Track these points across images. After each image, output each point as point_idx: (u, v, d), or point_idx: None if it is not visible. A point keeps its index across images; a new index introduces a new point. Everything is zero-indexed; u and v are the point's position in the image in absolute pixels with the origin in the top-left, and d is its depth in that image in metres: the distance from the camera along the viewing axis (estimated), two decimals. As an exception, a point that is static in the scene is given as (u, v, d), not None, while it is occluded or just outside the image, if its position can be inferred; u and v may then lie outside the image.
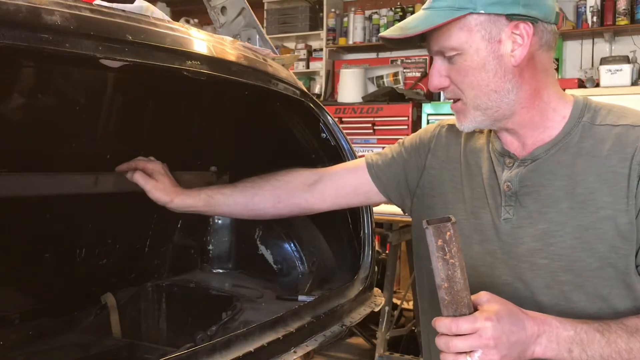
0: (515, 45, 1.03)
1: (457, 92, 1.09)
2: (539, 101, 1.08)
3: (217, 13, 1.98)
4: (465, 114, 1.10)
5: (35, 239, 1.61)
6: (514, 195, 1.09)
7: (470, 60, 1.04)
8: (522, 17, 1.01)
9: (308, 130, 1.86)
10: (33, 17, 0.94)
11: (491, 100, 1.06)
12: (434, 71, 1.09)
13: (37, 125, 1.51)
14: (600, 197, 1.02)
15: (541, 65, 1.07)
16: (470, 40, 1.03)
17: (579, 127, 1.08)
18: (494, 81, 1.04)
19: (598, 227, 1.02)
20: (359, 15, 5.14)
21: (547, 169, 1.07)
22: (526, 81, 1.06)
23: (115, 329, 1.82)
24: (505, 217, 1.10)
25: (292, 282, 2.00)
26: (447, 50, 1.06)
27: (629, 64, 4.00)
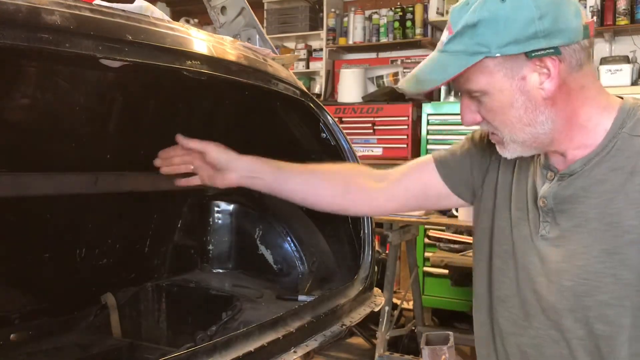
0: (542, 77, 0.96)
1: (491, 127, 1.05)
2: (577, 121, 1.01)
3: (217, 13, 1.98)
4: (504, 146, 1.05)
5: (35, 239, 1.61)
6: (550, 211, 1.05)
7: (497, 100, 0.99)
8: (544, 52, 0.93)
9: (308, 130, 1.86)
10: (33, 17, 0.94)
11: (526, 133, 1.01)
12: (465, 108, 1.05)
13: (37, 125, 1.51)
14: (627, 219, 0.96)
15: (576, 85, 0.99)
16: (492, 81, 0.98)
17: (618, 138, 1.00)
18: (525, 116, 0.99)
19: (622, 252, 0.96)
20: (359, 15, 5.14)
21: (581, 185, 1.02)
22: (560, 108, 0.99)
23: (115, 329, 1.82)
24: (542, 234, 1.06)
25: (292, 282, 2.00)
26: (471, 91, 1.01)
27: (629, 64, 4.00)
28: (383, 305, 2.09)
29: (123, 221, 1.86)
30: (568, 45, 0.95)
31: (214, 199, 2.14)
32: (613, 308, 0.98)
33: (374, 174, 1.36)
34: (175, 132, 1.92)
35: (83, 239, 1.76)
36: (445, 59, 0.98)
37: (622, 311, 0.98)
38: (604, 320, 0.99)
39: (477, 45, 0.94)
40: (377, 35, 5.07)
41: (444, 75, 0.98)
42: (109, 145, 1.71)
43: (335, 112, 4.50)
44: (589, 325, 1.00)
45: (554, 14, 0.93)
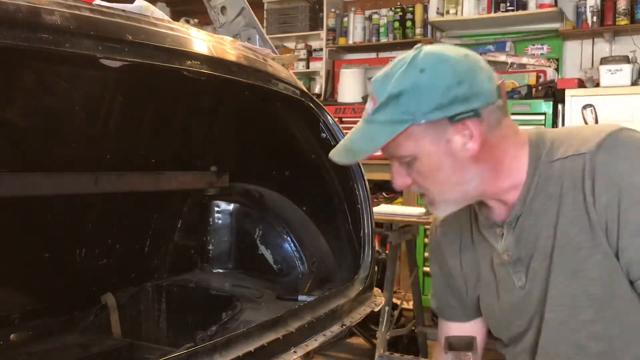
0: (465, 138, 1.00)
1: (422, 189, 1.09)
2: (502, 169, 1.06)
3: (217, 13, 1.98)
4: (436, 205, 1.10)
5: (35, 239, 1.61)
6: (517, 260, 1.09)
7: (426, 163, 1.03)
8: (465, 115, 0.98)
9: (308, 130, 1.86)
10: (33, 17, 0.94)
11: (456, 192, 1.06)
12: (395, 173, 1.08)
13: (37, 125, 1.51)
14: (574, 237, 1.01)
15: (496, 140, 1.04)
16: (419, 146, 1.01)
17: (540, 169, 1.05)
18: (454, 176, 1.04)
19: (584, 269, 1.01)
20: (359, 15, 5.13)
21: (530, 223, 1.07)
22: (485, 163, 1.04)
23: (115, 329, 1.82)
24: (519, 285, 1.10)
25: (292, 282, 2.00)
26: (400, 157, 1.06)
27: (629, 64, 4.00)
28: (383, 305, 2.09)
29: (123, 221, 1.87)
30: (485, 107, 1.00)
31: (214, 199, 2.14)
32: (598, 323, 1.02)
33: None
34: (175, 132, 1.93)
35: (83, 239, 1.76)
36: (372, 128, 1.03)
37: (607, 324, 1.01)
38: (594, 337, 1.03)
39: (402, 114, 0.99)
40: (377, 35, 5.07)
41: (374, 145, 1.02)
42: (109, 145, 1.71)
43: (335, 112, 4.50)
44: (582, 347, 1.04)
45: (470, 80, 0.99)
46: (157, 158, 1.84)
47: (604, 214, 0.98)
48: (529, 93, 4.24)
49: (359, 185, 1.82)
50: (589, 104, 3.87)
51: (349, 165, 1.08)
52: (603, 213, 0.98)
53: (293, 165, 2.02)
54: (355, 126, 1.07)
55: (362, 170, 1.83)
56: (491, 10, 4.49)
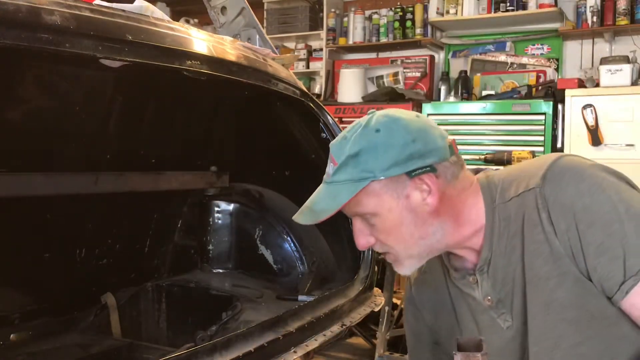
0: (424, 193, 1.04)
1: (385, 247, 1.10)
2: (462, 219, 1.08)
3: (217, 13, 1.98)
4: (401, 263, 1.11)
5: (35, 239, 1.61)
6: (499, 302, 1.10)
7: (388, 219, 1.05)
8: (421, 170, 1.02)
9: (308, 130, 1.86)
10: (33, 17, 0.94)
11: (420, 246, 1.07)
12: (358, 232, 1.10)
13: (37, 125, 1.51)
14: (540, 270, 1.03)
15: (454, 192, 1.07)
16: (380, 202, 1.04)
17: (497, 211, 1.08)
18: (417, 231, 1.06)
19: (556, 298, 1.03)
20: (359, 15, 5.13)
21: (502, 264, 1.08)
22: (446, 215, 1.07)
23: (115, 329, 1.82)
24: (507, 326, 1.11)
25: (292, 282, 2.00)
26: (362, 215, 1.07)
27: (629, 64, 3.99)
28: (383, 305, 2.09)
29: (123, 221, 1.87)
30: (440, 162, 1.04)
31: (214, 199, 2.14)
32: (582, 345, 1.04)
33: None
34: (175, 132, 1.93)
35: (83, 239, 1.76)
36: (333, 189, 1.06)
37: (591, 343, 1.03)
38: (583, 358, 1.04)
39: (362, 172, 1.03)
40: (377, 35, 5.07)
41: (335, 203, 1.05)
42: (109, 145, 1.71)
43: (335, 112, 4.50)
44: None
45: (423, 138, 1.03)
46: (157, 158, 1.84)
47: (567, 241, 1.00)
48: (529, 93, 4.24)
49: (359, 185, 1.82)
50: (589, 104, 3.87)
51: (319, 221, 1.10)
52: (566, 240, 1.00)
53: (293, 165, 2.02)
54: (316, 190, 1.10)
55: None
56: (491, 10, 4.49)
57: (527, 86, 4.29)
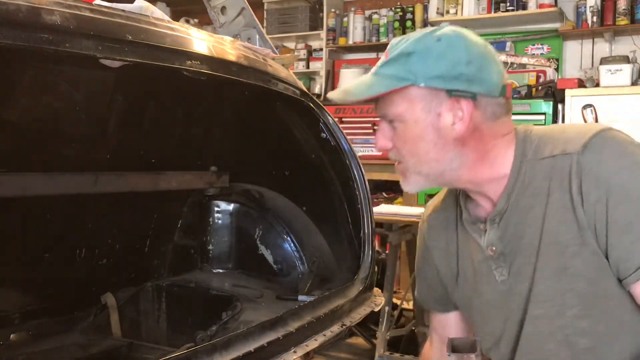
0: (456, 118, 1.02)
1: (399, 155, 1.09)
2: (487, 159, 1.07)
3: (217, 13, 1.98)
4: (407, 177, 1.10)
5: (35, 239, 1.61)
6: (500, 255, 1.09)
7: (410, 129, 1.04)
8: (463, 93, 1.01)
9: (308, 130, 1.86)
10: (33, 17, 0.94)
11: (432, 168, 1.06)
12: (379, 133, 1.10)
13: (37, 125, 1.51)
14: (561, 235, 1.02)
15: (489, 133, 1.06)
16: (410, 110, 1.03)
17: (525, 166, 1.06)
18: (434, 151, 1.04)
19: (571, 266, 1.01)
20: (359, 15, 5.14)
21: (516, 220, 1.07)
22: (471, 149, 1.05)
23: (115, 329, 1.82)
24: (501, 280, 1.11)
25: (292, 282, 2.00)
26: (389, 115, 1.07)
27: (629, 64, 4.00)
28: (383, 305, 2.09)
29: (123, 221, 1.86)
30: (485, 96, 1.02)
31: (214, 199, 2.14)
32: (585, 319, 1.03)
33: None
34: (175, 132, 1.93)
35: (83, 239, 1.76)
36: (374, 79, 1.06)
37: (593, 320, 1.02)
38: (582, 333, 1.03)
39: (406, 72, 1.01)
40: (377, 35, 5.07)
41: (369, 92, 1.05)
42: (109, 145, 1.71)
43: (335, 112, 4.50)
44: (570, 344, 1.04)
45: (480, 64, 1.02)
46: (157, 158, 1.84)
47: (592, 214, 0.98)
48: (529, 93, 4.24)
49: (359, 185, 1.82)
50: (588, 104, 3.87)
51: (348, 103, 1.10)
52: (591, 213, 0.98)
53: (293, 165, 2.02)
54: (360, 77, 1.10)
55: (362, 170, 1.83)
56: (491, 10, 4.50)
57: (527, 86, 4.29)
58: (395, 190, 4.57)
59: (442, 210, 1.23)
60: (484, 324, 1.19)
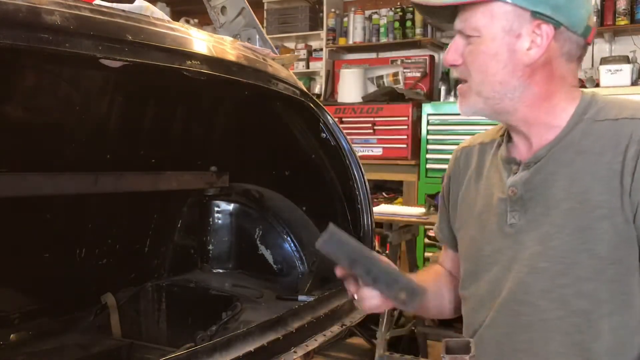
0: (532, 44, 1.02)
1: (465, 73, 1.08)
2: (547, 103, 1.06)
3: (217, 13, 1.98)
4: (467, 97, 1.09)
5: (35, 239, 1.61)
6: (519, 199, 1.08)
7: (485, 45, 1.04)
8: (547, 19, 1.00)
9: (308, 130, 1.86)
10: (33, 17, 0.94)
11: (495, 91, 1.05)
12: (452, 47, 1.09)
13: (37, 125, 1.51)
14: (596, 195, 1.00)
15: (558, 73, 1.05)
16: (490, 26, 1.03)
17: (582, 124, 1.05)
18: (502, 73, 1.04)
19: (596, 227, 0.99)
20: (359, 15, 5.13)
21: (550, 170, 1.06)
22: (536, 83, 1.05)
23: (115, 329, 1.82)
24: (511, 223, 1.09)
25: (292, 282, 2.00)
26: (467, 29, 1.05)
27: (629, 64, 3.99)
28: (383, 305, 2.08)
29: (123, 221, 1.87)
30: (568, 30, 1.02)
31: (214, 199, 2.14)
32: (590, 282, 1.01)
33: None
34: (175, 132, 1.93)
35: (83, 239, 1.76)
36: None
37: (599, 285, 1.00)
38: (582, 295, 1.01)
39: None
40: (377, 35, 5.07)
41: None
42: (109, 145, 1.71)
43: (335, 112, 4.50)
44: (566, 303, 1.02)
45: None
46: (157, 158, 1.84)
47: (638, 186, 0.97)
48: (529, 93, 4.24)
49: (359, 185, 1.82)
50: (589, 104, 3.87)
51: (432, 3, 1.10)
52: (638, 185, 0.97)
53: (293, 165, 2.02)
54: None
55: (362, 170, 1.83)
56: (491, 10, 4.49)
57: (527, 86, 4.28)
58: (395, 190, 4.57)
59: (481, 144, 1.23)
60: (471, 258, 1.17)
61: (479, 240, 1.15)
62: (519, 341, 1.07)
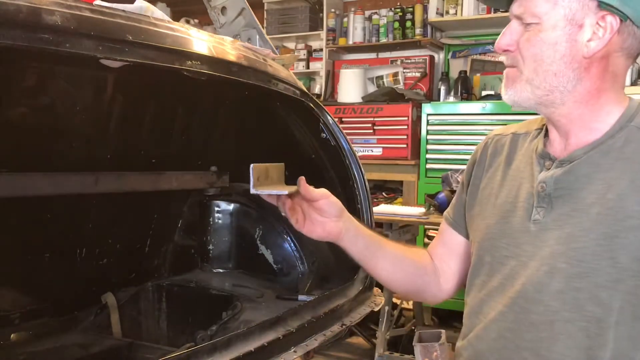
0: (594, 36, 0.98)
1: (518, 59, 1.05)
2: (595, 101, 1.04)
3: (217, 13, 1.98)
4: (515, 82, 1.07)
5: (35, 239, 1.61)
6: (547, 196, 1.05)
7: (545, 33, 1.01)
8: (614, 10, 0.97)
9: (308, 130, 1.87)
10: (33, 17, 0.94)
11: (547, 81, 1.03)
12: (507, 31, 1.05)
13: (37, 125, 1.51)
14: (630, 205, 0.97)
15: (613, 68, 1.03)
16: (552, 13, 1.00)
17: (625, 131, 1.02)
18: (558, 63, 1.01)
19: (623, 237, 0.97)
20: (359, 15, 5.13)
21: (584, 172, 1.03)
22: (590, 78, 1.02)
23: (116, 329, 1.82)
24: (535, 219, 1.06)
25: (292, 282, 2.01)
26: (527, 15, 1.02)
27: (629, 64, 4.00)
28: (383, 304, 2.09)
29: (123, 221, 1.87)
30: (632, 24, 0.99)
31: (214, 198, 2.14)
32: (607, 290, 0.99)
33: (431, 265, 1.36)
34: (175, 133, 1.93)
35: (83, 239, 1.76)
36: None
37: (615, 294, 0.98)
38: (596, 301, 0.99)
39: None
40: (377, 35, 5.07)
41: None
42: (109, 145, 1.71)
43: (335, 112, 4.50)
44: (578, 307, 1.00)
45: None
46: (157, 158, 1.84)
47: None
48: (528, 93, 4.24)
49: (359, 185, 1.82)
50: (588, 104, 3.88)
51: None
52: None
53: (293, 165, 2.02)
54: None
55: (362, 170, 1.84)
56: (491, 10, 4.49)
57: (527, 86, 4.29)
58: (395, 190, 4.57)
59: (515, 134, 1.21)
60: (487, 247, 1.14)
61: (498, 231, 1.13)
62: (524, 339, 1.05)
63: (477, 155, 1.27)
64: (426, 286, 1.30)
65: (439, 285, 1.30)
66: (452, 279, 1.30)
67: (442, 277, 1.30)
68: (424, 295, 1.35)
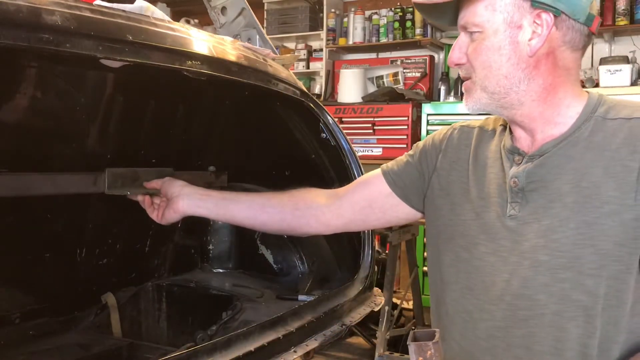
0: (534, 34, 1.02)
1: (470, 70, 1.09)
2: (553, 97, 1.06)
3: (217, 13, 1.98)
4: (471, 93, 1.10)
5: (35, 239, 1.61)
6: (520, 191, 1.07)
7: (489, 40, 1.05)
8: (547, 7, 1.01)
9: (308, 130, 1.87)
10: (33, 17, 0.94)
11: (500, 85, 1.06)
12: (455, 46, 1.10)
13: (37, 125, 1.51)
14: (606, 191, 0.99)
15: (562, 63, 1.06)
16: (492, 20, 1.04)
17: (591, 122, 1.05)
18: (506, 66, 1.04)
19: (602, 223, 0.99)
20: (359, 15, 5.14)
21: (555, 164, 1.05)
22: (541, 75, 1.05)
23: (116, 329, 1.82)
24: (510, 214, 1.08)
25: (292, 282, 2.01)
26: (469, 25, 1.06)
27: (629, 64, 4.00)
28: (383, 305, 2.09)
29: (123, 221, 1.87)
30: (569, 18, 1.02)
31: (214, 199, 2.14)
32: (592, 278, 1.00)
33: (326, 193, 1.40)
34: (175, 132, 1.93)
35: (83, 239, 1.76)
36: None
37: (600, 281, 1.00)
38: (582, 290, 1.00)
39: None
40: (377, 35, 5.07)
41: None
42: (109, 145, 1.71)
43: (335, 112, 4.51)
44: (565, 298, 1.01)
45: None
46: (157, 158, 1.84)
47: None
48: (528, 93, 4.24)
49: (359, 185, 1.82)
50: (588, 104, 3.88)
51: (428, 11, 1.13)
52: None
53: (293, 165, 2.02)
54: None
55: (362, 170, 1.83)
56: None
57: (527, 86, 4.29)
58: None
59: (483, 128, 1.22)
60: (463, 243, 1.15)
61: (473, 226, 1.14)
62: (515, 336, 1.06)
63: (441, 140, 1.28)
64: (299, 220, 1.37)
65: (322, 217, 1.35)
66: (345, 217, 1.34)
67: (336, 211, 1.34)
68: (300, 230, 1.41)
